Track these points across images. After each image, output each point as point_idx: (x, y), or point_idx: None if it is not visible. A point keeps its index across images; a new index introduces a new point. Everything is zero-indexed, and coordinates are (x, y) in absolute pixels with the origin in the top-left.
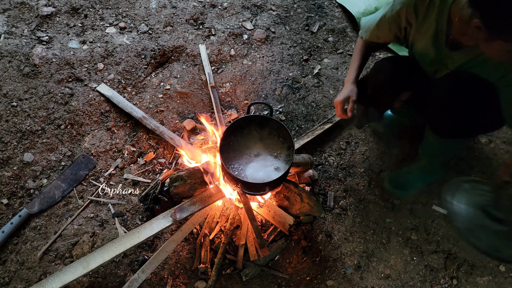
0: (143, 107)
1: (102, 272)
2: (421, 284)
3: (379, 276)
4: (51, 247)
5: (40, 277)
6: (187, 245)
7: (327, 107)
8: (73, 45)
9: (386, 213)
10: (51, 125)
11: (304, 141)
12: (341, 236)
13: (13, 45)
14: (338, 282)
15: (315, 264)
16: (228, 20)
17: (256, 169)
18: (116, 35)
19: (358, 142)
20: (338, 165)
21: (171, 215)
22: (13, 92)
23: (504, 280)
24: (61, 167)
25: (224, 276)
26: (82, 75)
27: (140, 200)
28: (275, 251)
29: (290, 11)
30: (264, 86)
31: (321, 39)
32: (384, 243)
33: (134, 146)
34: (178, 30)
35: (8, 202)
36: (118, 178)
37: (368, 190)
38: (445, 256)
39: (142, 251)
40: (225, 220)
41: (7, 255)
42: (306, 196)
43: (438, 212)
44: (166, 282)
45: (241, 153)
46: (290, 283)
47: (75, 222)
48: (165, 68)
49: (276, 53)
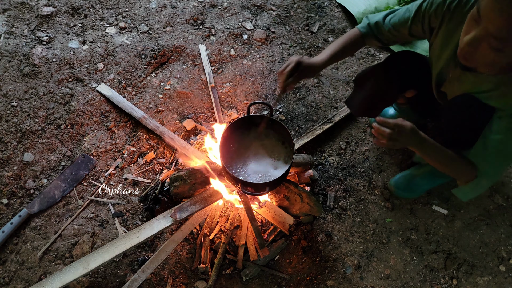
0: (143, 107)
1: (102, 272)
2: (421, 284)
3: (379, 276)
4: (51, 247)
5: (40, 277)
6: (187, 245)
7: (327, 107)
8: (73, 45)
9: (386, 213)
10: (51, 125)
11: (304, 141)
12: (341, 236)
13: (13, 45)
14: (338, 282)
15: (315, 264)
16: (228, 20)
17: (256, 169)
18: (116, 35)
19: (358, 142)
20: (338, 165)
21: (171, 215)
22: (13, 92)
23: (504, 280)
24: (61, 167)
25: (224, 276)
26: (82, 75)
27: (140, 200)
28: (275, 251)
29: (290, 11)
30: (264, 86)
31: (321, 39)
32: (384, 243)
33: (134, 146)
34: (178, 30)
35: (8, 202)
36: (118, 178)
37: (368, 190)
38: (445, 256)
39: (142, 251)
40: (225, 220)
41: (7, 255)
42: (306, 196)
43: (438, 212)
44: (166, 282)
45: (241, 153)
46: (290, 283)
47: (75, 222)
48: (165, 68)
49: (276, 53)
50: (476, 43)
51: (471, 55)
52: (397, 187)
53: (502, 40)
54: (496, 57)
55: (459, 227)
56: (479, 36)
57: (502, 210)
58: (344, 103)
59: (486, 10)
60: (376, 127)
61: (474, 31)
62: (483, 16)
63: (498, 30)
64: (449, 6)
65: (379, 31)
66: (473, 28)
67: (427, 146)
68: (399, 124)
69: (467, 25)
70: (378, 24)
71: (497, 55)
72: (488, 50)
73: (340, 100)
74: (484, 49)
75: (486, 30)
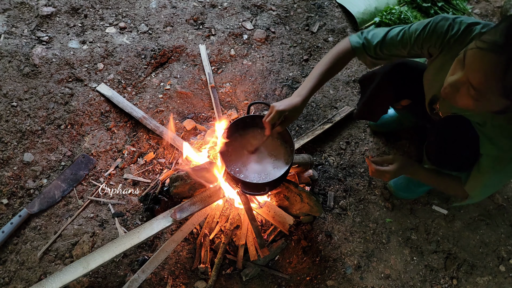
0: (143, 107)
1: (102, 272)
2: (421, 284)
3: (379, 276)
4: (51, 247)
5: (40, 277)
6: (187, 245)
7: (327, 107)
8: (73, 45)
9: (386, 213)
10: (51, 125)
11: (304, 141)
12: (341, 236)
13: (13, 45)
14: (338, 282)
15: (315, 264)
16: (228, 20)
17: (256, 169)
18: (116, 35)
19: (358, 142)
20: (338, 165)
21: (171, 215)
22: (13, 92)
23: (504, 280)
24: (61, 167)
25: (224, 276)
26: (82, 75)
27: (140, 200)
28: (275, 251)
29: (290, 11)
30: (264, 86)
31: (321, 39)
32: (384, 243)
33: (134, 146)
34: (178, 30)
35: (8, 202)
36: (118, 178)
37: (368, 190)
38: (445, 256)
39: (142, 251)
40: (225, 220)
41: (7, 255)
42: (306, 196)
43: (438, 212)
44: (166, 282)
45: (241, 153)
46: (290, 283)
47: (75, 222)
48: (165, 68)
49: (276, 53)
50: (457, 86)
51: (452, 96)
52: (397, 188)
53: (479, 92)
54: (474, 104)
55: (459, 227)
56: (461, 81)
57: (502, 210)
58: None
59: (469, 61)
60: (374, 170)
61: (457, 74)
62: (467, 64)
63: (477, 83)
64: (449, 40)
65: (375, 53)
66: (457, 71)
67: (421, 174)
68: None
69: (453, 66)
70: (376, 49)
71: (474, 102)
72: (467, 95)
73: (340, 100)
74: (464, 94)
75: (467, 78)
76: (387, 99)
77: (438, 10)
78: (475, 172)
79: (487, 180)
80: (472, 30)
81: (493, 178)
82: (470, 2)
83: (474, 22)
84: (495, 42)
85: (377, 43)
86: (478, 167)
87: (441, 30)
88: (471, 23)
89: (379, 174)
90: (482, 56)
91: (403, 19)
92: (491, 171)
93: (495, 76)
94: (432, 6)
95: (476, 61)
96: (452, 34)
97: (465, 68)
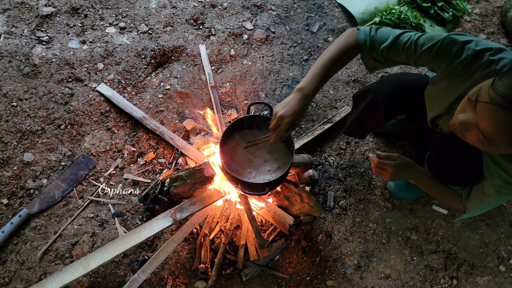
0: (143, 107)
1: (102, 272)
2: (421, 284)
3: (379, 276)
4: (51, 247)
5: (40, 277)
6: (187, 245)
7: (327, 107)
8: (73, 45)
9: (386, 213)
10: (51, 125)
11: (304, 141)
12: (341, 236)
13: (13, 45)
14: (338, 282)
15: (315, 264)
16: (228, 20)
17: (256, 169)
18: (116, 35)
19: (358, 142)
20: (338, 165)
21: (171, 215)
22: (13, 92)
23: (504, 280)
24: (61, 167)
25: (224, 276)
26: (82, 75)
27: (140, 200)
28: (275, 251)
29: (290, 11)
30: (264, 86)
31: (321, 39)
32: (384, 243)
33: (134, 146)
34: (178, 30)
35: (8, 202)
36: (118, 178)
37: (368, 190)
38: (445, 256)
39: (142, 251)
40: (225, 220)
41: (7, 255)
42: (306, 196)
43: (438, 212)
44: (166, 282)
45: (241, 153)
46: (290, 283)
47: (75, 222)
48: (165, 68)
49: (276, 53)
50: (467, 126)
51: (461, 133)
52: (397, 188)
53: (488, 139)
54: (482, 145)
55: (459, 227)
56: (471, 123)
57: (502, 210)
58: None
59: (482, 110)
60: (376, 163)
61: (467, 115)
62: (479, 113)
63: (487, 132)
64: (455, 67)
65: (381, 56)
66: (468, 111)
67: (422, 180)
68: (398, 163)
69: (464, 103)
70: (383, 53)
71: (482, 144)
72: (475, 136)
73: (340, 100)
74: (473, 135)
75: (477, 124)
76: (377, 119)
77: (438, 10)
78: (478, 192)
79: (491, 200)
80: (481, 58)
81: (497, 199)
82: (470, 2)
83: (484, 48)
84: (508, 98)
85: (385, 47)
86: (482, 187)
87: (448, 55)
88: (481, 50)
89: (380, 169)
90: (494, 111)
91: (403, 19)
92: (495, 194)
93: (506, 131)
94: (432, 6)
95: (487, 114)
96: (459, 61)
97: (476, 114)
